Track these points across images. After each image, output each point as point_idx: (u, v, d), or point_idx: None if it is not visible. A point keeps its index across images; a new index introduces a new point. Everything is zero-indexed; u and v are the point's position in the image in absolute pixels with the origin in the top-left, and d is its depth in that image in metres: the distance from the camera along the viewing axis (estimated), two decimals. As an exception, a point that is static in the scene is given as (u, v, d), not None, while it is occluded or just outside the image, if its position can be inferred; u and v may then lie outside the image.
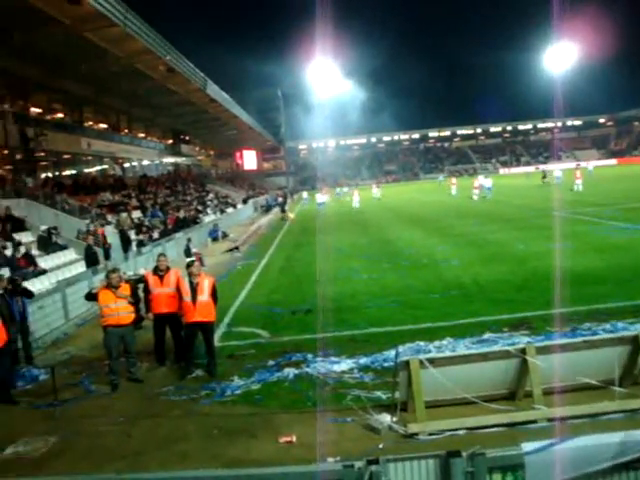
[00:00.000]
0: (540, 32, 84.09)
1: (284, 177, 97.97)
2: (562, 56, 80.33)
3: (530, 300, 10.88)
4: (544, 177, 49.46)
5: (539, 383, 6.25)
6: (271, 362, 8.63)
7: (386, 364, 7.99)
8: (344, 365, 8.21)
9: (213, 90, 36.51)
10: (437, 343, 8.77)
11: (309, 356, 8.72)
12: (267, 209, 49.47)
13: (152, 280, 9.16)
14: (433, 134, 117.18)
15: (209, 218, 33.75)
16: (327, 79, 76.67)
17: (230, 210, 41.85)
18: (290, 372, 8.12)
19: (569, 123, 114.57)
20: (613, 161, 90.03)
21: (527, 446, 3.60)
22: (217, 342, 9.34)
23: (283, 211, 42.51)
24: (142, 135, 43.57)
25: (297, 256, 19.89)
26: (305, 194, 60.42)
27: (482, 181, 42.16)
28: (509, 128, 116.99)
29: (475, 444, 3.76)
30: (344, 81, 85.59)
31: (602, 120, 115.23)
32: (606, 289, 11.16)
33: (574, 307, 9.98)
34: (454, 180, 49.46)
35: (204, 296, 8.40)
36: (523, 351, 6.33)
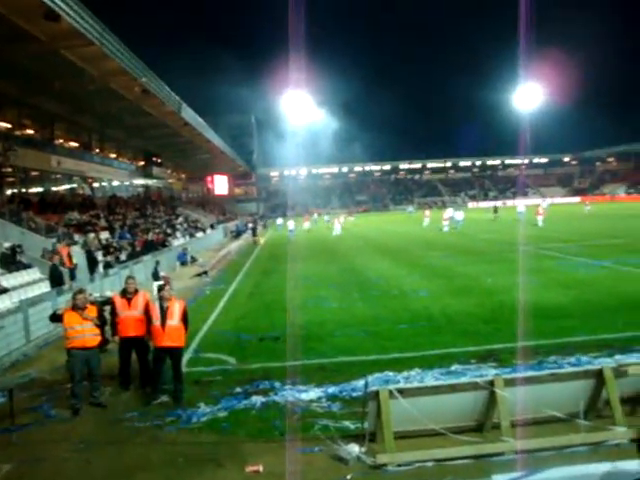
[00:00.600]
0: (510, 72, 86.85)
1: (255, 203, 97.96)
2: (530, 96, 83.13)
3: (497, 332, 11.01)
4: (495, 212, 50.84)
5: (507, 415, 6.30)
6: (238, 389, 8.52)
7: (354, 394, 7.97)
8: (312, 394, 8.15)
9: (187, 114, 36.53)
10: (406, 374, 8.79)
11: (277, 384, 8.64)
12: (237, 235, 49.30)
13: (120, 302, 8.99)
14: (404, 166, 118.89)
15: (178, 242, 33.44)
16: (300, 108, 77.48)
17: (200, 234, 41.58)
18: (258, 400, 8.02)
19: (536, 160, 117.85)
20: (577, 199, 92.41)
21: (498, 478, 3.62)
22: (184, 368, 9.18)
23: (254, 235, 42.91)
24: (113, 155, 43.17)
25: (266, 283, 19.81)
26: (279, 220, 60.57)
27: (452, 213, 43.00)
28: (478, 163, 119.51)
29: (443, 476, 3.76)
30: (317, 110, 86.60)
31: (567, 159, 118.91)
32: (571, 323, 11.37)
33: (540, 340, 10.15)
34: (427, 212, 50.24)
35: (174, 320, 8.29)
36: (491, 383, 6.38)
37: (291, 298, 16.00)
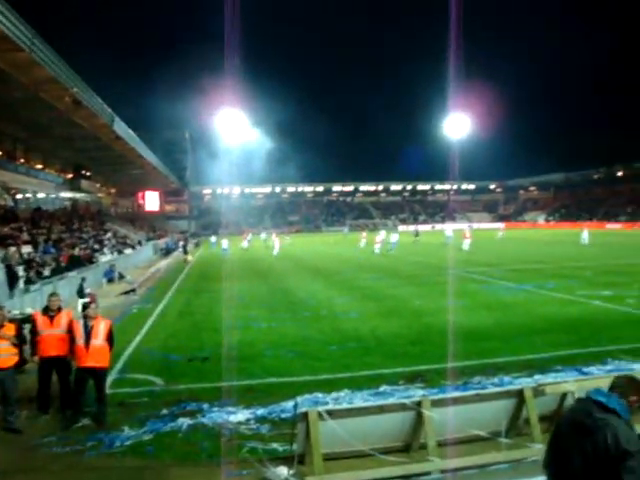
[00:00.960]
0: (441, 101, 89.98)
1: (186, 221, 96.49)
2: (459, 126, 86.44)
3: (425, 354, 11.24)
4: (416, 235, 52.34)
5: (433, 435, 6.43)
6: (165, 411, 8.28)
7: (284, 415, 7.93)
8: (241, 416, 8.04)
9: (120, 127, 35.66)
10: (335, 395, 8.82)
11: (205, 406, 8.47)
12: (167, 252, 48.33)
13: (41, 320, 8.59)
14: (337, 188, 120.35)
15: (106, 258, 32.35)
16: (235, 126, 77.23)
17: (128, 251, 40.38)
18: (184, 422, 7.82)
19: (464, 187, 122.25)
20: (501, 224, 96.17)
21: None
22: (108, 389, 8.85)
23: (185, 253, 42.35)
24: (40, 166, 41.44)
25: (196, 302, 19.47)
26: (213, 238, 59.79)
27: (384, 236, 43.88)
28: (409, 187, 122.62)
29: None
30: (251, 130, 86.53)
31: (492, 186, 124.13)
32: (494, 345, 11.79)
33: (466, 361, 10.45)
34: (364, 234, 51.04)
35: (99, 340, 8.01)
36: (419, 404, 6.51)
37: (221, 318, 15.80)
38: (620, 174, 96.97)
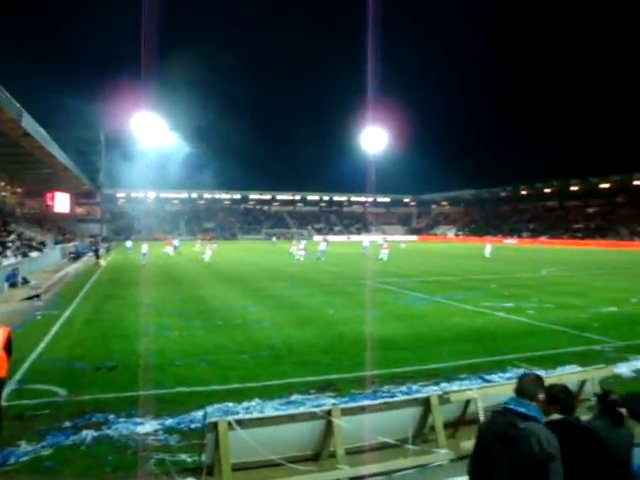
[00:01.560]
0: (360, 115, 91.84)
1: (98, 224, 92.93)
2: (376, 140, 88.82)
3: (336, 363, 11.37)
4: (294, 245, 52.28)
5: (342, 443, 6.51)
6: (67, 423, 7.86)
7: (193, 425, 7.76)
8: (149, 426, 7.79)
9: (29, 123, 33.84)
10: (246, 404, 8.74)
11: (111, 417, 8.12)
12: (76, 256, 46.33)
13: None
14: (254, 196, 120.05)
15: (9, 261, 30.54)
16: (151, 130, 75.49)
17: (35, 254, 38.30)
18: (88, 434, 7.46)
19: (379, 199, 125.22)
20: (414, 237, 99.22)
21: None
22: (4, 401, 8.32)
23: (97, 257, 40.96)
24: None
25: (106, 308, 18.72)
26: (129, 243, 57.56)
27: (303, 245, 44.29)
28: (326, 198, 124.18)
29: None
30: (169, 134, 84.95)
31: (407, 200, 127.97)
32: (404, 354, 12.10)
33: (376, 370, 10.66)
34: (294, 242, 50.64)
35: (-5, 348, 7.54)
36: (328, 412, 6.57)
37: (132, 325, 15.31)
38: (524, 193, 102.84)
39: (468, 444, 6.74)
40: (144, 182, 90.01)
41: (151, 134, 75.03)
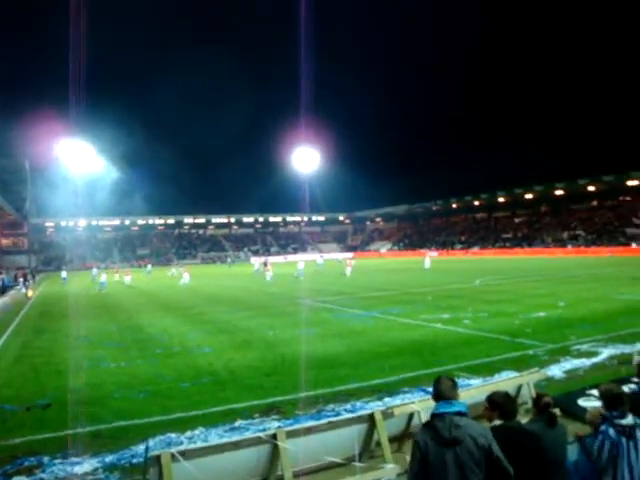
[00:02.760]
0: (291, 135, 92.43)
1: (26, 255, 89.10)
2: (308, 160, 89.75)
3: (279, 385, 11.29)
4: (265, 266, 51.21)
5: (289, 466, 6.45)
6: (-4, 471, 7.45)
7: (135, 460, 7.49)
8: (87, 466, 7.45)
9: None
10: (189, 434, 8.54)
11: (45, 459, 7.71)
12: (2, 290, 44.26)
13: None
14: (188, 220, 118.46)
15: None
16: (79, 157, 73.46)
17: (-47, 291, 36.42)
18: (21, 481, 7.10)
19: (314, 218, 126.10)
20: (350, 254, 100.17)
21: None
22: None
23: (27, 289, 40.26)
24: None
25: (37, 343, 17.90)
26: (64, 274, 55.26)
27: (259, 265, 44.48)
28: (261, 219, 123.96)
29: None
30: (98, 160, 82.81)
31: (341, 218, 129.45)
32: (346, 371, 12.15)
33: (319, 390, 10.65)
34: (269, 266, 49.57)
35: None
36: (274, 436, 6.50)
37: (65, 359, 14.71)
38: (455, 206, 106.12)
39: None
40: (74, 210, 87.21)
41: (78, 160, 72.92)
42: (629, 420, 4.56)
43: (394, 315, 20.59)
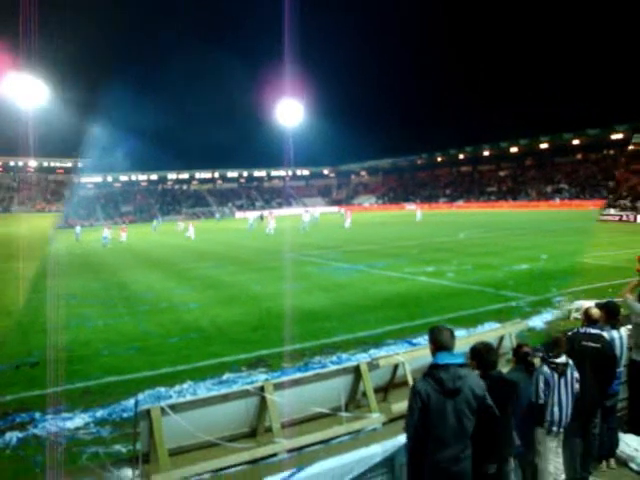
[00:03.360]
0: (274, 88, 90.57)
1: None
2: (292, 113, 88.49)
3: (266, 339, 11.44)
4: (261, 219, 50.56)
5: (277, 418, 6.60)
6: (-12, 428, 7.51)
7: (125, 415, 7.62)
8: (78, 420, 7.57)
9: None
10: (178, 388, 8.67)
11: (37, 415, 7.81)
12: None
13: None
14: (172, 176, 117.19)
15: None
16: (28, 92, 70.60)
17: None
18: (13, 436, 7.13)
19: (298, 173, 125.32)
20: (335, 208, 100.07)
21: (269, 480, 3.80)
22: None
23: None
24: None
25: (22, 302, 17.86)
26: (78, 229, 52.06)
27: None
28: (245, 174, 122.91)
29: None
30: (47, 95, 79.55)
31: (326, 172, 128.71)
32: (332, 324, 12.34)
33: (305, 343, 10.83)
34: (271, 218, 48.35)
35: None
36: (261, 389, 6.62)
37: (51, 318, 14.71)
38: (439, 160, 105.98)
39: (399, 406, 7.01)
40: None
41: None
42: (562, 359, 4.98)
43: (379, 269, 20.77)
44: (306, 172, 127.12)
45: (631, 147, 70.73)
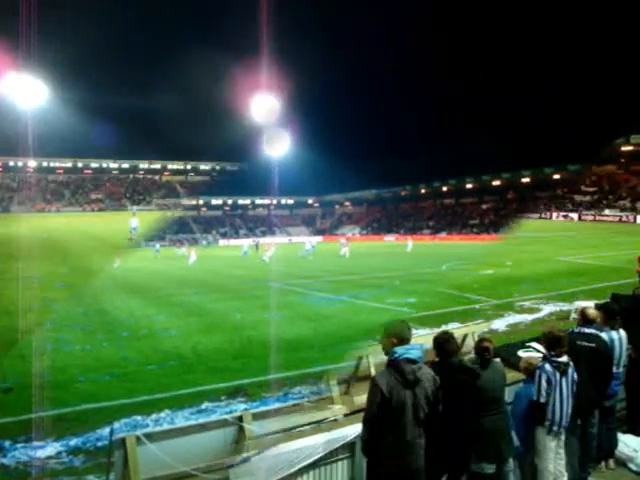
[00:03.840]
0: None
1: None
2: (278, 143, 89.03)
3: (246, 367, 11.36)
4: (257, 248, 50.68)
5: (254, 448, 6.50)
6: (-44, 457, 7.30)
7: (100, 443, 7.47)
8: (50, 449, 7.40)
9: None
10: (155, 416, 8.55)
11: (7, 444, 7.61)
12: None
13: None
14: (143, 165, 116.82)
15: None
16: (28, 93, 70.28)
17: None
18: (-20, 465, 6.97)
19: (283, 202, 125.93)
20: (319, 238, 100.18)
21: None
22: None
23: None
24: None
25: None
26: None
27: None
28: (230, 202, 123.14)
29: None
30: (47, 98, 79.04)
31: (310, 201, 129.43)
32: (313, 354, 12.29)
33: (286, 372, 10.74)
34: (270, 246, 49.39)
35: None
36: (240, 418, 6.54)
37: (27, 342, 14.45)
38: (423, 192, 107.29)
39: (360, 399, 7.07)
40: (22, 149, 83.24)
41: (28, 97, 69.38)
42: (564, 359, 5.00)
43: (362, 299, 20.75)
44: (290, 201, 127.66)
45: (630, 148, 72.40)
